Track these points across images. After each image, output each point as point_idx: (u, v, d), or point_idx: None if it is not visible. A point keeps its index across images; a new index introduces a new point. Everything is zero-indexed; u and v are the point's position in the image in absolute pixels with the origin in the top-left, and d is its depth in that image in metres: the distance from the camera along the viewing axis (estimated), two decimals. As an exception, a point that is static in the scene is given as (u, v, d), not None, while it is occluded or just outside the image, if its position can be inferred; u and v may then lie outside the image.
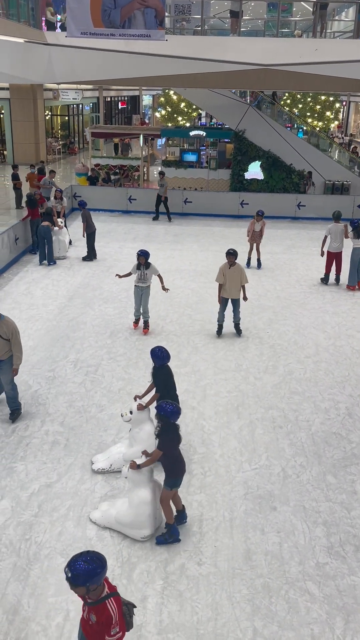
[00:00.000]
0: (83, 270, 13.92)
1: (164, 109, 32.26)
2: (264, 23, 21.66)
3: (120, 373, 9.07)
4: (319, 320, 11.38)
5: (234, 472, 6.87)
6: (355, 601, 5.23)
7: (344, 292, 12.99)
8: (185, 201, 19.95)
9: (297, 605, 5.17)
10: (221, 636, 4.86)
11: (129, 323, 10.90)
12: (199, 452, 7.23)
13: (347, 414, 8.20)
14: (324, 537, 5.95)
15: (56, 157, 32.80)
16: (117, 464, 6.73)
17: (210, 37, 18.22)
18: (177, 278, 13.46)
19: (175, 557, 5.64)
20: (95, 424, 7.69)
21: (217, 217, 19.56)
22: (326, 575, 5.49)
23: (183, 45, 16.86)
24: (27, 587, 5.23)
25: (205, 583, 5.36)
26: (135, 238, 16.97)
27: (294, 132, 23.62)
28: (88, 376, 8.97)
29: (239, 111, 21.42)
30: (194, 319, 11.23)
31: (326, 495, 6.53)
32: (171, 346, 9.93)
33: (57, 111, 37.11)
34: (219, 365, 9.41)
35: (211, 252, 15.65)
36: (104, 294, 12.42)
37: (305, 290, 12.99)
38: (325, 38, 19.75)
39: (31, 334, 10.32)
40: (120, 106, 48.04)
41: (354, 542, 5.90)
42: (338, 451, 7.36)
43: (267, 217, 19.44)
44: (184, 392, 8.42)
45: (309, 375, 9.23)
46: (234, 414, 8.03)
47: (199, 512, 6.22)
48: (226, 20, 20.29)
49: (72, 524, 6.01)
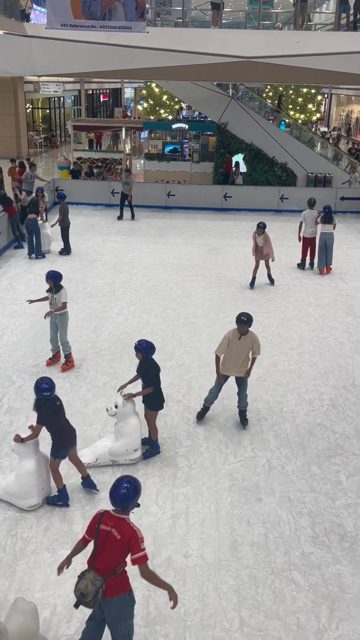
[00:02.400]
0: (66, 264, 13.84)
1: (146, 101, 32.11)
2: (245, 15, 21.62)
3: (105, 367, 9.05)
4: (303, 312, 11.44)
5: (219, 464, 6.90)
6: (340, 589, 5.29)
7: (327, 284, 13.08)
8: (169, 194, 19.89)
9: (283, 595, 5.22)
10: (208, 627, 4.89)
11: (114, 317, 10.86)
12: (185, 445, 7.25)
13: (331, 405, 8.27)
14: (309, 527, 6.01)
15: (38, 150, 32.53)
16: (103, 459, 6.76)
17: (192, 30, 18.18)
18: (160, 272, 13.45)
19: (162, 549, 5.65)
20: (80, 419, 7.67)
21: (201, 210, 19.52)
22: (311, 565, 5.54)
23: (164, 37, 16.76)
24: (13, 583, 5.22)
25: (192, 575, 5.38)
26: (119, 232, 16.89)
27: (276, 125, 23.62)
28: (72, 371, 8.93)
29: (221, 104, 21.37)
30: (179, 313, 11.23)
31: (311, 486, 6.58)
32: (156, 340, 9.89)
33: (38, 104, 36.72)
34: (203, 359, 9.42)
35: (195, 246, 15.65)
36: (87, 288, 12.36)
37: (289, 283, 13.06)
38: (306, 30, 19.76)
39: (14, 329, 10.25)
40: (102, 99, 47.68)
41: (339, 531, 5.97)
42: (322, 442, 7.42)
43: (250, 210, 19.68)
44: (169, 386, 8.43)
45: (293, 367, 9.28)
46: (219, 406, 8.05)
47: (185, 504, 6.24)
48: (207, 12, 20.19)
49: (58, 519, 6.00)
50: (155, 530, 5.88)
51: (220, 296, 12.13)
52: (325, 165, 21.93)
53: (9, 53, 17.14)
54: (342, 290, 12.76)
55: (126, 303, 11.59)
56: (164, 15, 19.47)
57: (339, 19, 18.17)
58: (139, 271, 13.48)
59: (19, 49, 17.21)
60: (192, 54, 16.63)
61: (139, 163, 26.03)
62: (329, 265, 13.78)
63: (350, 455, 7.19)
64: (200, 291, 12.39)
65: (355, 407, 8.24)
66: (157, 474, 6.71)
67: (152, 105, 30.78)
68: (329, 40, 17.48)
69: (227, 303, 11.74)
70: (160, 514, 6.10)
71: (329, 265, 13.78)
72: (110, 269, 13.63)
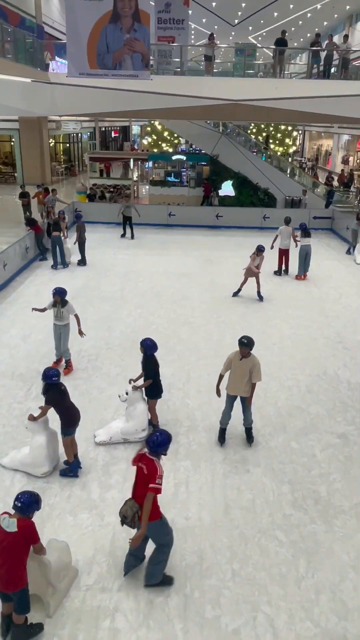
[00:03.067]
0: (83, 274, 13.81)
1: (150, 137, 31.97)
2: (232, 65, 21.53)
3: (116, 360, 9.03)
4: (283, 313, 11.42)
5: (214, 441, 6.89)
6: (315, 545, 5.29)
7: (303, 289, 13.06)
8: (170, 214, 19.86)
9: (268, 550, 5.21)
10: (205, 577, 4.89)
11: (124, 318, 10.83)
12: (185, 425, 7.24)
13: (306, 391, 8.26)
14: (289, 493, 6.00)
15: (59, 178, 32.45)
16: (116, 437, 6.74)
17: (188, 77, 18.06)
18: (163, 279, 13.42)
19: (166, 513, 5.59)
20: (96, 404, 7.66)
21: (197, 228, 19.47)
22: (291, 525, 5.54)
23: (165, 83, 16.71)
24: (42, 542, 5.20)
25: (191, 534, 5.37)
26: (128, 246, 16.86)
27: (259, 156, 23.59)
28: (90, 363, 8.91)
29: (213, 139, 21.37)
30: (179, 314, 11.20)
31: (290, 459, 6.57)
32: (159, 337, 9.86)
33: (60, 139, 36.60)
34: (200, 353, 9.41)
35: (192, 257, 15.63)
36: (101, 294, 12.33)
37: (272, 288, 13.03)
38: (283, 78, 19.74)
39: (41, 329, 10.22)
40: (113, 135, 47.55)
41: (314, 496, 5.96)
42: (300, 422, 7.41)
43: (238, 227, 19.61)
44: (171, 376, 8.41)
45: (275, 359, 9.27)
46: (213, 393, 7.99)
47: (185, 475, 6.23)
48: (201, 63, 20.14)
49: (78, 488, 5.99)
50: (161, 497, 5.82)
51: (214, 300, 12.11)
52: (300, 190, 21.87)
53: (35, 97, 17.08)
54: (315, 295, 12.75)
55: (134, 306, 11.56)
56: (165, 66, 19.40)
57: (311, 69, 18.13)
58: (145, 279, 13.44)
59: (43, 94, 17.15)
60: (188, 97, 16.58)
61: (145, 188, 25.95)
62: (306, 272, 13.78)
63: (323, 432, 7.18)
64: (197, 295, 12.36)
65: (327, 392, 8.23)
66: (162, 449, 6.69)
67: (156, 140, 30.61)
68: (302, 87, 17.42)
69: (220, 305, 11.72)
70: (164, 483, 6.05)
71: (306, 273, 13.79)
72: (120, 277, 13.60)
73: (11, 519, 4.01)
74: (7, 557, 3.96)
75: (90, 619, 4.46)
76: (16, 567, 4.00)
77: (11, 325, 10.44)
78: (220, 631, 4.40)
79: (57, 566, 4.49)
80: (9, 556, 3.97)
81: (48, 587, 4.44)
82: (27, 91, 16.65)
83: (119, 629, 4.38)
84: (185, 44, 19.89)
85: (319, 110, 16.96)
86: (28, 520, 4.09)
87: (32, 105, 17.55)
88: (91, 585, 4.78)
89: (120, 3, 13.11)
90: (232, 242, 17.62)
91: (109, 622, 4.44)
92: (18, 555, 4.00)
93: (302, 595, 4.74)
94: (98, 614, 4.50)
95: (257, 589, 4.78)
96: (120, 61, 13.77)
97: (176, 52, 19.23)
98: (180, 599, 4.67)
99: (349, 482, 6.19)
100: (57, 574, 4.51)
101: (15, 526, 3.97)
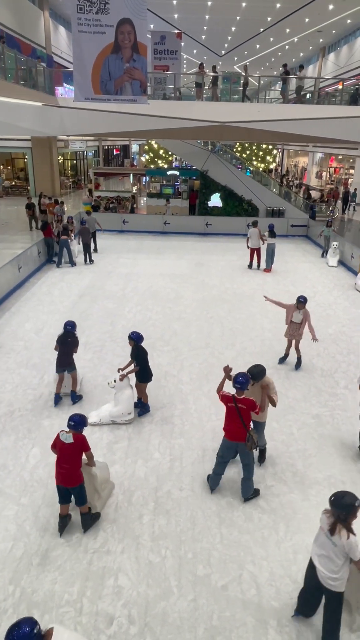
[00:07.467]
0: (89, 274, 13.73)
1: (147, 154, 31.80)
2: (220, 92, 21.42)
3: (119, 351, 9.00)
4: (264, 309, 11.41)
5: (204, 421, 6.89)
6: (293, 512, 5.31)
7: (282, 288, 13.04)
8: (165, 223, 19.77)
9: (252, 516, 5.22)
10: (197, 541, 4.89)
11: (125, 314, 10.79)
12: (179, 408, 7.23)
13: (285, 377, 8.27)
14: (271, 466, 6.01)
15: (67, 190, 32.23)
16: (105, 419, 6.73)
17: (181, 102, 17.93)
18: (160, 280, 13.37)
19: (163, 485, 5.64)
20: (101, 390, 7.63)
21: (189, 235, 19.41)
22: (272, 494, 5.55)
23: (161, 107, 16.59)
24: (55, 511, 5.18)
25: (185, 503, 5.38)
26: (128, 251, 16.78)
27: (243, 172, 23.52)
28: (95, 354, 8.88)
29: (203, 156, 21.26)
30: (173, 310, 11.18)
31: (271, 436, 6.57)
32: (156, 331, 9.89)
33: (68, 156, 36.29)
34: (192, 344, 9.39)
35: (185, 260, 15.58)
36: (105, 292, 12.27)
37: (254, 287, 13.02)
38: (264, 103, 19.71)
39: (52, 323, 10.17)
40: (115, 152, 47.22)
41: (292, 469, 5.98)
42: (279, 404, 7.38)
43: (226, 234, 19.58)
44: (167, 365, 8.40)
45: (258, 349, 9.27)
46: (204, 379, 8.04)
47: (180, 451, 6.22)
48: (192, 89, 20.05)
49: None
50: (158, 471, 5.86)
51: (204, 298, 12.08)
52: (279, 201, 21.85)
53: (46, 119, 16.94)
54: (293, 293, 12.70)
55: (134, 303, 11.52)
56: (160, 91, 19.29)
57: (285, 95, 18.10)
58: (144, 280, 13.39)
59: (53, 116, 17.02)
60: (181, 119, 16.50)
61: (143, 200, 25.82)
62: (272, 266, 14.58)
63: (299, 413, 7.20)
64: (189, 294, 12.33)
65: (303, 379, 8.25)
66: (159, 429, 6.69)
67: (152, 157, 30.46)
68: (281, 110, 17.36)
69: (209, 303, 11.70)
70: (161, 458, 6.08)
71: (271, 266, 14.56)
72: (122, 278, 13.54)
73: (68, 434, 4.71)
74: (69, 460, 4.69)
75: (96, 578, 4.46)
76: (75, 468, 4.73)
77: (26, 320, 10.38)
78: (211, 587, 4.41)
79: (100, 478, 5.15)
80: (69, 460, 4.69)
81: (95, 493, 5.11)
82: (39, 114, 16.53)
83: (122, 586, 4.39)
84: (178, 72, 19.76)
85: (295, 131, 16.92)
86: (80, 434, 4.75)
87: (43, 126, 17.40)
88: (97, 548, 4.78)
89: (120, 36, 13.01)
90: (219, 247, 17.58)
91: (113, 580, 4.44)
92: (76, 459, 4.72)
93: (281, 555, 4.76)
94: (104, 573, 4.50)
95: (242, 550, 4.79)
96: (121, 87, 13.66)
97: (170, 79, 19.16)
98: (175, 559, 4.67)
99: (322, 457, 6.22)
100: (101, 484, 5.18)
101: (71, 438, 4.69)
